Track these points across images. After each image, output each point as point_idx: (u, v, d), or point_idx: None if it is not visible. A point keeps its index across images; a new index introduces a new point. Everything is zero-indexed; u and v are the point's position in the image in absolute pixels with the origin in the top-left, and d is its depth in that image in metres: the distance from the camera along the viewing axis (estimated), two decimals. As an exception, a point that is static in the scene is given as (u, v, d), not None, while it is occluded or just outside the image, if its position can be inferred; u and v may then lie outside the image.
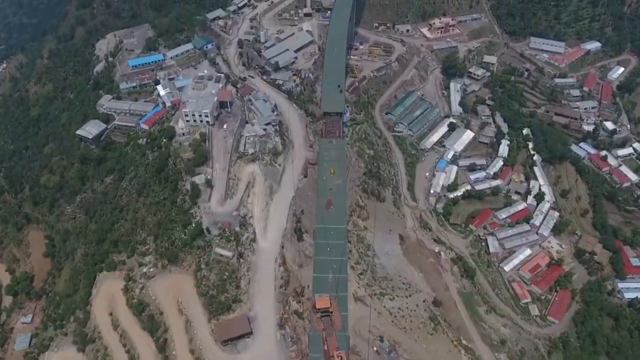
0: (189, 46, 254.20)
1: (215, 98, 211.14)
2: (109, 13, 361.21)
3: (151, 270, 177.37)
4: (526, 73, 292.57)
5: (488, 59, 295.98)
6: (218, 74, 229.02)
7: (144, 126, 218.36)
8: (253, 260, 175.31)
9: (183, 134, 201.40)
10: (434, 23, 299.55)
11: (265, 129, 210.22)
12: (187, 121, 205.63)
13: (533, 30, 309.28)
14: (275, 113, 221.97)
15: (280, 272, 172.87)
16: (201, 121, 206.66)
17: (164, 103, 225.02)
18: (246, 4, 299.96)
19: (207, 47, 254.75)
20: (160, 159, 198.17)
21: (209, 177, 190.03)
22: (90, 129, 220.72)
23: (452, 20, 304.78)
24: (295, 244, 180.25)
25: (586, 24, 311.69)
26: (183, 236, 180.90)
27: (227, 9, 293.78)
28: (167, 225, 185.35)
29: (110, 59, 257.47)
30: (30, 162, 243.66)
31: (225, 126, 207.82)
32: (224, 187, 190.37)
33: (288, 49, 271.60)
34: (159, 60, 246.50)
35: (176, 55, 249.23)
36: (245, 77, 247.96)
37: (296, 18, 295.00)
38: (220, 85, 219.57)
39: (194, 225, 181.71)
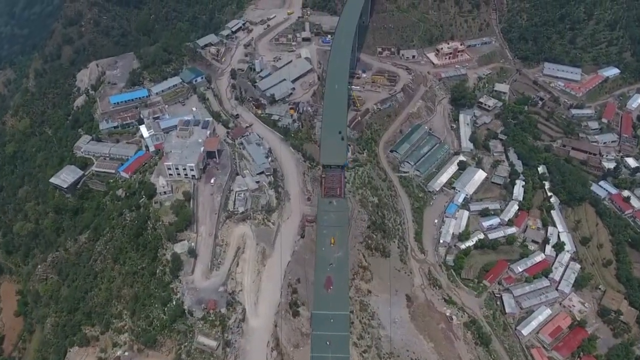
0: (176, 80, 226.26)
1: (202, 148, 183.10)
2: (98, 31, 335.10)
3: (126, 354, 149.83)
4: (540, 102, 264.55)
5: (499, 87, 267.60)
6: (205, 119, 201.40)
7: (124, 174, 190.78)
8: (242, 345, 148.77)
9: (164, 192, 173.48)
10: (442, 48, 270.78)
11: (258, 182, 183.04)
12: (170, 174, 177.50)
13: (547, 55, 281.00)
14: (270, 159, 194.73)
15: (273, 357, 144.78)
16: (186, 175, 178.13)
17: (147, 146, 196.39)
18: (241, 27, 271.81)
19: (196, 81, 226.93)
20: (138, 220, 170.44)
21: (192, 244, 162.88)
22: (66, 177, 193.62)
23: (461, 44, 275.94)
24: (290, 321, 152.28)
25: (603, 48, 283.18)
26: (162, 316, 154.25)
27: (220, 34, 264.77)
28: (145, 300, 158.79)
29: (92, 92, 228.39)
30: (4, 204, 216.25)
31: (212, 180, 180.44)
32: (209, 256, 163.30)
33: (285, 79, 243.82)
34: (143, 97, 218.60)
35: (162, 91, 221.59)
36: (237, 115, 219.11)
37: (294, 43, 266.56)
38: (208, 132, 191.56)
39: (174, 303, 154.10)
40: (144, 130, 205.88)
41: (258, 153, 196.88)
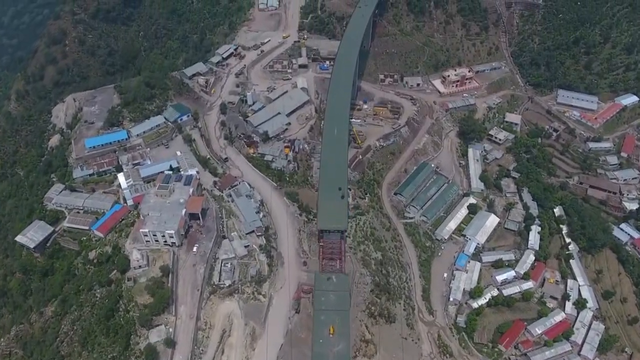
0: (159, 119, 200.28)
1: (184, 210, 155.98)
2: (83, 51, 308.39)
3: None
4: (554, 134, 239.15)
5: (511, 117, 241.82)
6: (188, 174, 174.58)
7: (98, 233, 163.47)
8: None
9: (139, 266, 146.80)
10: (449, 76, 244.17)
11: (247, 246, 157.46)
12: (147, 241, 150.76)
13: (560, 81, 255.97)
14: (261, 214, 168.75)
15: None
16: (165, 242, 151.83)
17: (124, 198, 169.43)
18: (232, 53, 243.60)
19: (181, 120, 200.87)
20: (109, 299, 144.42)
21: (170, 330, 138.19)
22: (34, 235, 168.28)
23: (469, 71, 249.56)
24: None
25: (620, 73, 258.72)
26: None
27: (209, 61, 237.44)
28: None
29: (67, 130, 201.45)
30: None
31: (195, 248, 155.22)
32: (190, 344, 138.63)
33: (279, 113, 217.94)
34: (122, 140, 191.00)
35: (144, 132, 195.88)
36: (226, 158, 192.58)
37: (289, 70, 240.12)
38: (191, 189, 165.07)
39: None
40: (122, 179, 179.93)
41: (248, 208, 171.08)
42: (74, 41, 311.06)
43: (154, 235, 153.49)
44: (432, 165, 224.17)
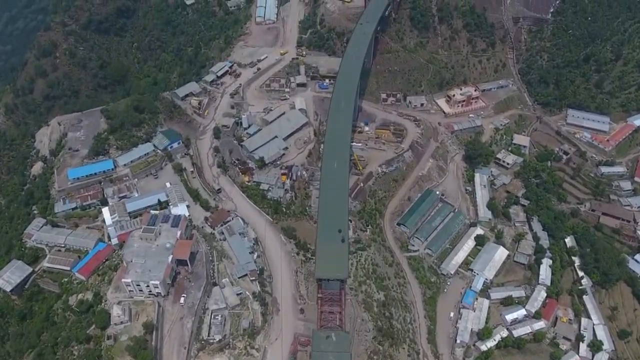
0: (148, 147, 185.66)
1: (171, 257, 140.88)
2: (74, 63, 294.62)
3: None
4: (564, 157, 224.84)
5: (519, 139, 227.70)
6: (177, 214, 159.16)
7: (80, 276, 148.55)
8: None
9: (121, 322, 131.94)
10: (454, 95, 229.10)
11: (239, 293, 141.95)
12: (131, 290, 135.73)
13: (570, 101, 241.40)
14: (256, 255, 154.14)
15: None
16: (150, 292, 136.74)
17: (109, 236, 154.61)
18: (227, 71, 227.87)
19: (172, 147, 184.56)
20: None
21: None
22: (10, 277, 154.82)
23: (475, 90, 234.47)
24: None
25: (633, 92, 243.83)
26: None
27: (203, 80, 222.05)
28: None
29: (51, 158, 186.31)
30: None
31: (182, 299, 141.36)
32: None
33: (276, 136, 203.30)
34: (108, 170, 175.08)
35: (131, 161, 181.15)
36: (219, 189, 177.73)
37: (287, 89, 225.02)
38: (179, 231, 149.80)
39: None
40: (106, 214, 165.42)
41: (242, 248, 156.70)
42: (64, 53, 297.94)
43: (137, 285, 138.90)
44: (437, 192, 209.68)
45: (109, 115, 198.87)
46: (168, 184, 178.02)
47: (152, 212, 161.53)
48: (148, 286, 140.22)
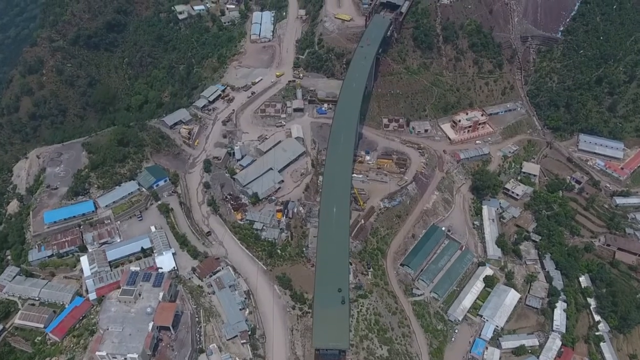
0: (132, 186, 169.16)
1: (152, 323, 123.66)
2: (61, 81, 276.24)
3: None
4: (577, 186, 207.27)
5: (528, 167, 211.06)
6: (160, 272, 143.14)
7: (54, 336, 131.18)
8: None
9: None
10: (460, 120, 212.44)
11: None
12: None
13: (582, 125, 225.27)
14: (247, 311, 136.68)
15: None
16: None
17: (87, 290, 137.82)
18: (220, 95, 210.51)
19: (157, 185, 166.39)
20: None
21: None
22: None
23: (482, 114, 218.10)
24: None
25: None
26: None
27: (194, 106, 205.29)
28: None
29: (28, 196, 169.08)
30: None
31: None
32: None
33: (271, 168, 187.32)
34: (88, 212, 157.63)
35: (114, 202, 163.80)
36: (209, 232, 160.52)
37: (283, 115, 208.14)
38: (162, 292, 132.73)
39: None
40: (85, 264, 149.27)
41: (232, 304, 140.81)
42: (51, 70, 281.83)
43: (113, 358, 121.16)
44: (443, 228, 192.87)
45: (91, 149, 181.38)
46: (153, 228, 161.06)
47: (133, 268, 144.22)
48: (125, 359, 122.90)
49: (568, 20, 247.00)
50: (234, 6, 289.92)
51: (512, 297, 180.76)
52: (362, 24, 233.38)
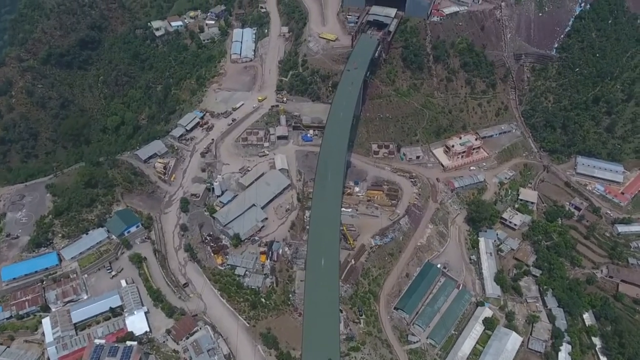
0: (100, 235, 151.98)
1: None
2: (32, 103, 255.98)
3: None
4: (576, 213, 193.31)
5: (525, 194, 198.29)
6: (128, 344, 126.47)
7: None
8: None
9: None
10: (453, 146, 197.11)
11: None
12: None
13: (580, 147, 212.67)
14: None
15: None
16: None
17: (49, 359, 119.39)
18: (199, 123, 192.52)
19: (129, 232, 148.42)
20: None
21: None
22: None
23: (476, 138, 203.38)
24: None
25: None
26: None
27: (170, 135, 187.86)
28: None
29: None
30: None
31: None
32: None
33: (254, 205, 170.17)
34: (51, 267, 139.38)
35: (80, 253, 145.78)
36: (186, 283, 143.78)
37: (266, 144, 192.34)
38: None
39: None
40: (47, 326, 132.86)
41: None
42: (21, 92, 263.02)
43: None
44: (439, 265, 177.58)
45: (55, 191, 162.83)
46: (124, 282, 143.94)
47: (97, 341, 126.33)
48: None
49: (562, 36, 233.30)
50: (213, 22, 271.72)
51: (513, 341, 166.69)
52: (348, 44, 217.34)
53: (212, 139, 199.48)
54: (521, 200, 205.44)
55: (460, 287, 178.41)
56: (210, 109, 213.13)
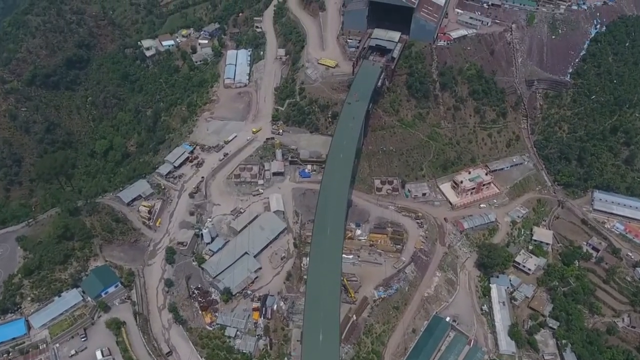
0: (74, 297, 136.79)
1: None
2: (15, 127, 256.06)
3: None
4: (594, 254, 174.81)
5: (540, 234, 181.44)
6: None
7: None
8: None
9: None
10: (462, 182, 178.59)
11: None
12: None
13: (597, 181, 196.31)
14: None
15: None
16: None
17: None
18: (188, 158, 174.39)
19: (106, 293, 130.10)
20: None
21: None
22: None
23: (486, 173, 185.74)
24: None
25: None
26: None
27: (156, 173, 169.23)
28: None
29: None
30: None
31: None
32: None
33: (247, 252, 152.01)
34: (18, 337, 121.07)
35: (51, 320, 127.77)
36: (170, 352, 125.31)
37: (261, 181, 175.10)
38: None
39: None
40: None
41: None
42: (4, 115, 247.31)
43: None
44: (448, 318, 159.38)
45: (26, 245, 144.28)
46: (99, 354, 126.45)
47: None
48: None
49: (577, 60, 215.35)
50: (206, 41, 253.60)
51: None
52: (348, 71, 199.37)
53: (202, 177, 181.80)
54: (535, 240, 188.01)
55: (472, 343, 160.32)
56: (200, 141, 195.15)
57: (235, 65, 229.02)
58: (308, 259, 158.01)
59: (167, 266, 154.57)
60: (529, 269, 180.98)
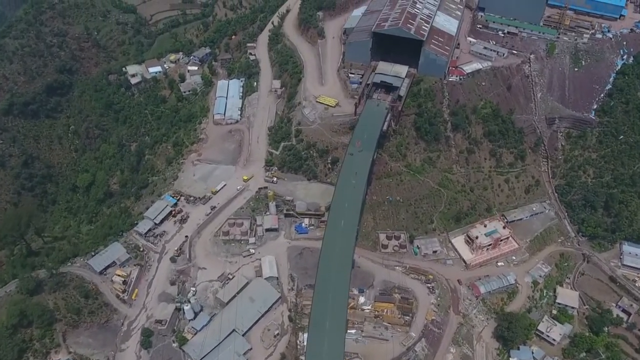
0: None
1: None
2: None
3: None
4: (625, 318, 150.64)
5: (564, 296, 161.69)
6: None
7: None
8: None
9: None
10: (477, 237, 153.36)
11: None
12: None
13: (626, 232, 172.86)
14: None
15: None
16: None
17: None
18: (171, 212, 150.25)
19: None
20: None
21: None
22: None
23: (504, 226, 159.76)
24: None
25: None
26: None
27: (134, 231, 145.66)
28: None
29: None
30: None
31: None
32: None
33: (235, 330, 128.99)
34: None
35: None
36: None
37: (252, 239, 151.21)
38: None
39: None
40: None
41: None
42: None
43: None
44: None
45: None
46: None
47: None
48: None
49: (602, 95, 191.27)
50: (196, 68, 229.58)
51: None
52: (350, 111, 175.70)
53: (186, 236, 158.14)
54: (559, 304, 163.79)
55: None
56: (186, 190, 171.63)
57: (226, 98, 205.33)
58: (306, 334, 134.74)
59: (143, 352, 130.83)
60: (554, 339, 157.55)
